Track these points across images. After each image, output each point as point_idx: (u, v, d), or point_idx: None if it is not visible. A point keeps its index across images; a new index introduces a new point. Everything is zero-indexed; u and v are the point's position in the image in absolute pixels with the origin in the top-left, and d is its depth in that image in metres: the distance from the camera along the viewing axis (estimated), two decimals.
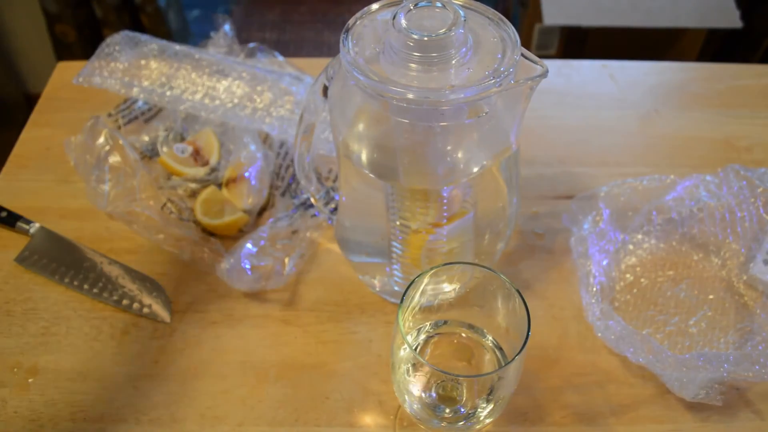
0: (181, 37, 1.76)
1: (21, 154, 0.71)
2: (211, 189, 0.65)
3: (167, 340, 0.56)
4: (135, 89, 0.69)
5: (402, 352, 0.41)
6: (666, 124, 0.76)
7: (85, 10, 1.56)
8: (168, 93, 0.69)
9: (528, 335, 0.39)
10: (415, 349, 0.46)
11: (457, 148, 0.46)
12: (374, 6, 0.46)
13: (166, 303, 0.58)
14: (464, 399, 0.43)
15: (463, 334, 0.47)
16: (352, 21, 0.45)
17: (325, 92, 0.49)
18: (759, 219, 0.60)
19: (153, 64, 0.71)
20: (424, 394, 0.43)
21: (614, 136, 0.75)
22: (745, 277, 0.60)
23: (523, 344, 0.38)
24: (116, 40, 0.71)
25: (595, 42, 1.57)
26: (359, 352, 0.55)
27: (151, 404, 0.52)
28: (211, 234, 0.63)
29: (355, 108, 0.46)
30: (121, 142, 0.65)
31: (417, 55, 0.42)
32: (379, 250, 0.54)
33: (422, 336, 0.47)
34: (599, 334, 0.54)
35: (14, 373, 0.53)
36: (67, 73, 0.79)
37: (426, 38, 0.41)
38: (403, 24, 0.42)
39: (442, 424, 0.43)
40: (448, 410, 0.43)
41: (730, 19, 1.41)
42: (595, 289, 0.55)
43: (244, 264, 0.58)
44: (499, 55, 0.43)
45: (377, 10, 0.46)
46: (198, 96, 0.69)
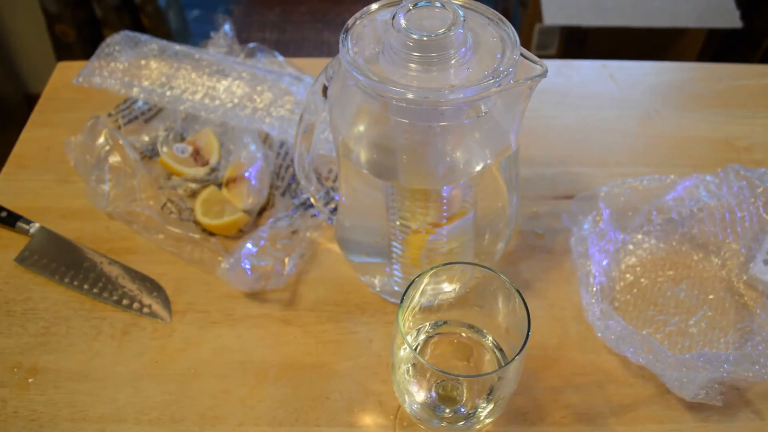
0: (181, 37, 1.76)
1: (21, 154, 0.71)
2: (211, 189, 0.65)
3: (167, 340, 0.56)
4: (135, 89, 0.69)
5: (402, 352, 0.41)
6: (666, 124, 0.76)
7: (85, 10, 1.56)
8: (168, 93, 0.69)
9: (528, 335, 0.39)
10: (415, 349, 0.46)
11: (457, 148, 0.46)
12: (374, 6, 0.46)
13: (166, 303, 0.58)
14: (464, 399, 0.43)
15: (463, 334, 0.47)
16: (351, 21, 0.45)
17: (325, 92, 0.49)
18: (759, 219, 0.60)
19: (153, 64, 0.71)
20: (424, 394, 0.43)
21: (614, 136, 0.75)
22: (745, 277, 0.60)
23: (523, 344, 0.38)
24: (116, 40, 0.71)
25: (595, 42, 1.57)
26: (359, 352, 0.55)
27: (151, 404, 0.52)
28: (211, 234, 0.63)
29: (354, 108, 0.46)
30: (121, 142, 0.65)
31: (416, 55, 0.42)
32: (379, 250, 0.54)
33: (422, 336, 0.47)
34: (599, 334, 0.54)
35: (14, 373, 0.53)
36: (67, 73, 0.79)
37: (425, 38, 0.41)
38: (403, 24, 0.42)
39: (442, 424, 0.43)
40: (448, 410, 0.43)
41: (730, 19, 1.41)
42: (595, 289, 0.55)
43: (244, 264, 0.58)
44: (499, 55, 0.43)
45: (377, 10, 0.46)
46: (198, 96, 0.69)
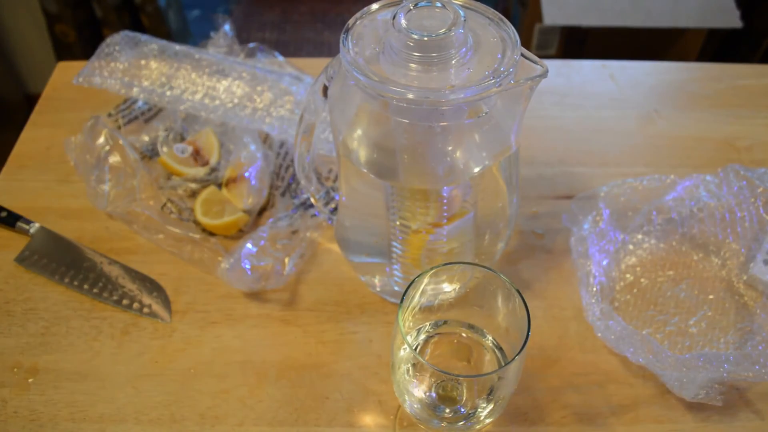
0: (181, 37, 1.76)
1: (21, 154, 0.71)
2: (211, 189, 0.65)
3: (167, 340, 0.56)
4: (135, 89, 0.69)
5: (402, 352, 0.41)
6: (666, 124, 0.76)
7: (85, 10, 1.56)
8: (168, 93, 0.69)
9: (528, 335, 0.39)
10: (415, 349, 0.46)
11: (457, 148, 0.46)
12: (374, 6, 0.46)
13: (166, 303, 0.58)
14: (464, 399, 0.43)
15: (463, 334, 0.47)
16: (352, 21, 0.45)
17: (325, 92, 0.49)
18: (759, 219, 0.60)
19: (153, 64, 0.71)
20: (424, 394, 0.43)
21: (614, 136, 0.75)
22: (745, 277, 0.60)
23: (523, 344, 0.38)
24: (116, 40, 0.71)
25: (595, 42, 1.57)
26: (359, 352, 0.55)
27: (151, 404, 0.52)
28: (211, 234, 0.63)
29: (355, 108, 0.46)
30: (121, 142, 0.65)
31: (417, 55, 0.42)
32: (379, 250, 0.54)
33: (422, 336, 0.47)
34: (599, 334, 0.54)
35: (14, 373, 0.53)
36: (67, 73, 0.79)
37: (426, 38, 0.41)
38: (403, 24, 0.42)
39: (442, 424, 0.43)
40: (448, 410, 0.43)
41: (730, 19, 1.41)
42: (595, 289, 0.55)
43: (244, 264, 0.58)
44: (499, 55, 0.43)
45: (377, 10, 0.46)
46: (198, 96, 0.69)
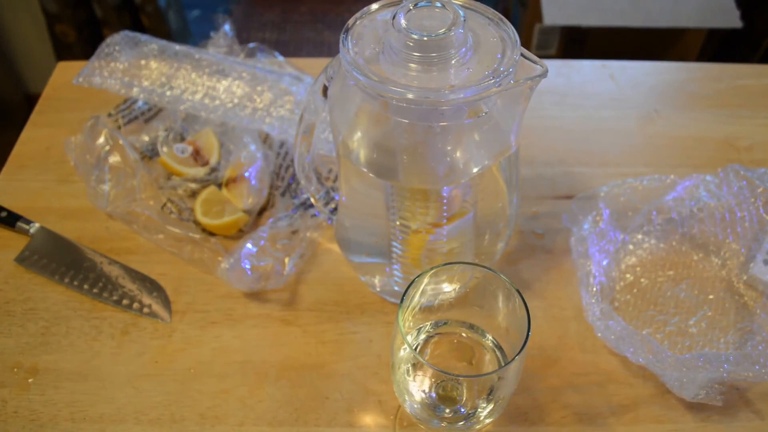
0: (181, 37, 1.76)
1: (21, 154, 0.71)
2: (211, 189, 0.65)
3: (167, 340, 0.56)
4: (135, 89, 0.69)
5: (402, 352, 0.41)
6: (666, 124, 0.76)
7: (85, 10, 1.56)
8: (168, 93, 0.69)
9: (528, 335, 0.39)
10: (415, 349, 0.46)
11: (457, 148, 0.46)
12: (374, 6, 0.46)
13: (166, 303, 0.58)
14: (464, 399, 0.43)
15: (463, 334, 0.47)
16: (351, 21, 0.45)
17: (325, 92, 0.49)
18: (759, 219, 0.60)
19: (153, 64, 0.71)
20: (424, 394, 0.43)
21: (614, 136, 0.75)
22: (745, 277, 0.60)
23: (523, 344, 0.38)
24: (116, 40, 0.71)
25: (595, 42, 1.57)
26: (359, 352, 0.55)
27: (151, 404, 0.52)
28: (211, 234, 0.63)
29: (355, 108, 0.46)
30: (121, 142, 0.65)
31: (417, 55, 0.42)
32: (379, 250, 0.54)
33: (422, 336, 0.47)
34: (599, 334, 0.54)
35: (14, 373, 0.53)
36: (67, 73, 0.79)
37: (426, 38, 0.41)
38: (403, 24, 0.42)
39: (442, 424, 0.43)
40: (448, 410, 0.43)
41: (730, 19, 1.41)
42: (595, 289, 0.55)
43: (244, 264, 0.58)
44: (499, 55, 0.43)
45: (377, 10, 0.46)
46: (198, 96, 0.69)
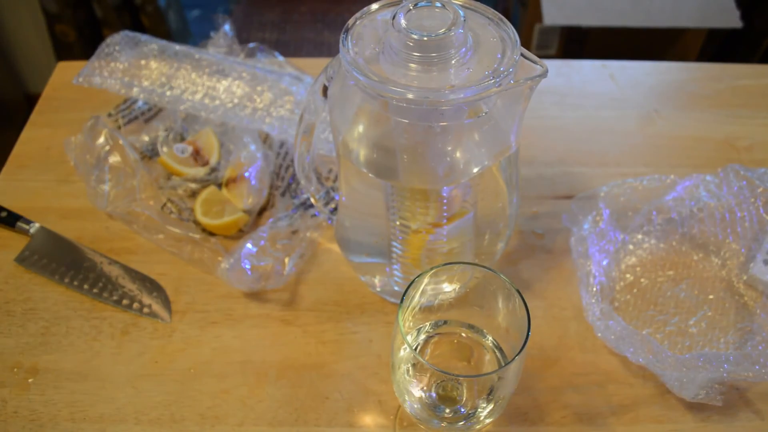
0: (181, 37, 1.76)
1: (21, 154, 0.71)
2: (211, 189, 0.65)
3: (167, 340, 0.56)
4: (135, 89, 0.69)
5: (402, 352, 0.41)
6: (666, 124, 0.76)
7: (85, 10, 1.56)
8: (168, 93, 0.69)
9: (528, 335, 0.39)
10: (415, 349, 0.46)
11: (457, 148, 0.46)
12: (374, 6, 0.46)
13: (166, 303, 0.58)
14: (464, 399, 0.43)
15: (463, 334, 0.47)
16: (351, 21, 0.45)
17: (325, 92, 0.49)
18: (759, 219, 0.60)
19: (153, 64, 0.71)
20: (424, 394, 0.43)
21: (614, 136, 0.75)
22: (745, 277, 0.60)
23: (523, 344, 0.38)
24: (116, 40, 0.71)
25: (595, 42, 1.57)
26: (359, 352, 0.55)
27: (151, 404, 0.52)
28: (211, 234, 0.63)
29: (355, 108, 0.46)
30: (121, 142, 0.65)
31: (417, 55, 0.42)
32: (379, 250, 0.54)
33: (422, 336, 0.47)
34: (599, 334, 0.54)
35: (14, 373, 0.53)
36: (67, 73, 0.79)
37: (426, 38, 0.41)
38: (403, 24, 0.42)
39: (442, 424, 0.43)
40: (448, 410, 0.43)
41: (730, 19, 1.41)
42: (595, 289, 0.55)
43: (244, 264, 0.58)
44: (499, 55, 0.43)
45: (377, 10, 0.46)
46: (198, 96, 0.69)
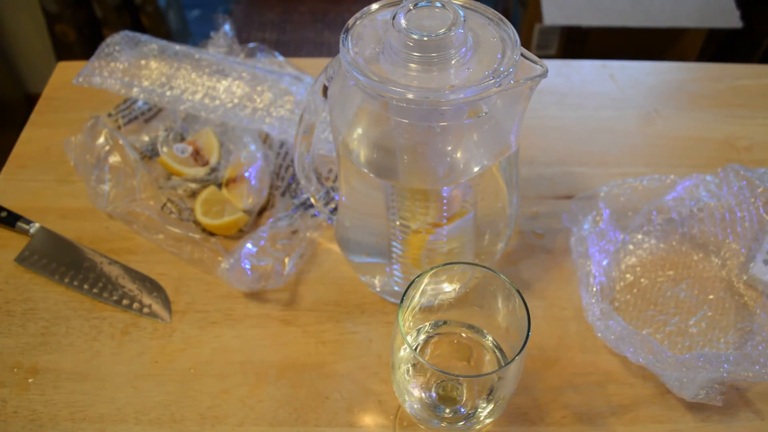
0: (181, 37, 1.76)
1: (21, 154, 0.71)
2: (211, 189, 0.65)
3: (167, 340, 0.56)
4: (135, 89, 0.69)
5: (402, 352, 0.41)
6: (666, 124, 0.76)
7: (85, 10, 1.56)
8: (168, 93, 0.69)
9: (528, 335, 0.39)
10: (415, 349, 0.46)
11: (457, 148, 0.46)
12: (374, 6, 0.46)
13: (166, 303, 0.58)
14: (464, 399, 0.43)
15: (463, 334, 0.47)
16: (351, 21, 0.45)
17: (325, 92, 0.49)
18: (759, 219, 0.60)
19: (153, 64, 0.71)
20: (424, 394, 0.43)
21: (614, 136, 0.75)
22: (745, 277, 0.60)
23: (523, 344, 0.38)
24: (116, 40, 0.71)
25: (595, 42, 1.57)
26: (359, 352, 0.55)
27: (151, 404, 0.52)
28: (211, 234, 0.63)
29: (355, 108, 0.46)
30: (121, 142, 0.65)
31: (417, 55, 0.42)
32: (379, 250, 0.54)
33: (422, 336, 0.47)
34: (599, 334, 0.54)
35: (14, 373, 0.53)
36: (67, 73, 0.79)
37: (426, 38, 0.41)
38: (403, 24, 0.42)
39: (442, 424, 0.43)
40: (448, 410, 0.43)
41: (730, 19, 1.41)
42: (595, 289, 0.55)
43: (244, 264, 0.58)
44: (499, 55, 0.43)
45: (377, 10, 0.46)
46: (198, 96, 0.69)
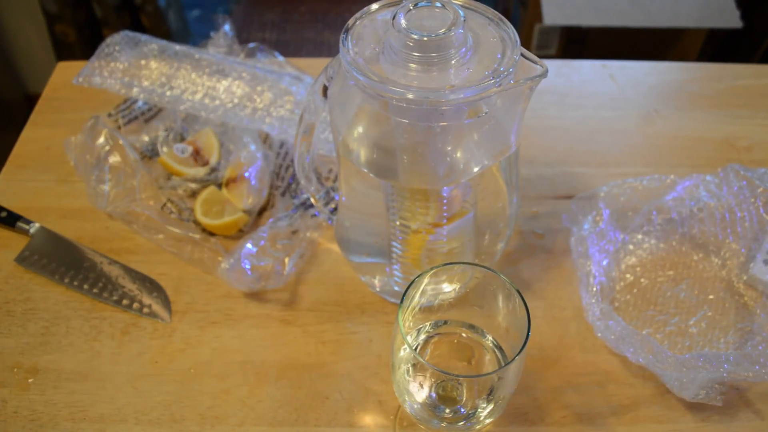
0: (181, 37, 1.76)
1: (21, 154, 0.71)
2: (211, 189, 0.65)
3: (167, 340, 0.56)
4: (135, 89, 0.69)
5: (402, 352, 0.41)
6: (666, 124, 0.76)
7: (85, 10, 1.56)
8: (168, 93, 0.69)
9: (528, 335, 0.39)
10: (415, 349, 0.46)
11: (457, 148, 0.46)
12: (374, 6, 0.46)
13: (166, 303, 0.58)
14: (464, 399, 0.43)
15: (463, 334, 0.47)
16: (351, 21, 0.45)
17: (325, 92, 0.49)
18: (759, 219, 0.60)
19: (153, 64, 0.71)
20: (424, 395, 0.43)
21: (614, 136, 0.75)
22: (745, 277, 0.60)
23: (523, 344, 0.38)
24: (116, 40, 0.71)
25: (595, 42, 1.57)
26: (359, 352, 0.55)
27: (151, 404, 0.52)
28: (211, 234, 0.63)
29: (355, 108, 0.46)
30: (121, 142, 0.65)
31: (417, 55, 0.42)
32: (379, 250, 0.54)
33: (422, 336, 0.47)
34: (599, 334, 0.54)
35: (14, 373, 0.53)
36: (67, 73, 0.79)
37: (426, 38, 0.41)
38: (403, 24, 0.42)
39: (442, 424, 0.43)
40: (448, 410, 0.43)
41: (730, 19, 1.41)
42: (595, 289, 0.55)
43: (244, 264, 0.58)
44: (499, 55, 0.43)
45: (377, 10, 0.46)
46: (198, 96, 0.69)
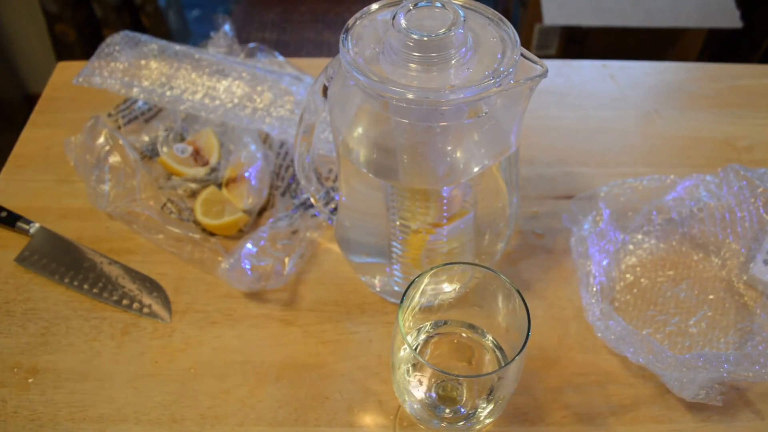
0: (181, 37, 1.76)
1: (21, 154, 0.71)
2: (211, 189, 0.65)
3: (167, 340, 0.56)
4: (135, 89, 0.69)
5: (402, 352, 0.41)
6: (666, 124, 0.76)
7: (85, 10, 1.56)
8: (168, 93, 0.69)
9: (528, 335, 0.39)
10: (415, 349, 0.46)
11: (457, 148, 0.46)
12: (374, 6, 0.46)
13: (166, 303, 0.58)
14: (464, 399, 0.43)
15: (463, 334, 0.47)
16: (351, 21, 0.45)
17: (325, 92, 0.49)
18: (759, 219, 0.60)
19: (153, 64, 0.71)
20: (424, 394, 0.43)
21: (614, 136, 0.75)
22: (745, 277, 0.60)
23: (523, 344, 0.38)
24: (116, 40, 0.71)
25: (595, 42, 1.57)
26: (359, 352, 0.55)
27: (151, 404, 0.52)
28: (211, 234, 0.63)
29: (355, 108, 0.46)
30: (121, 142, 0.65)
31: (417, 55, 0.42)
32: (379, 250, 0.54)
33: (422, 336, 0.47)
34: (599, 334, 0.54)
35: (14, 373, 0.53)
36: (67, 73, 0.79)
37: (426, 38, 0.41)
38: (403, 24, 0.42)
39: (442, 424, 0.43)
40: (448, 410, 0.43)
41: (730, 19, 1.41)
42: (595, 289, 0.55)
43: (244, 264, 0.58)
44: (499, 55, 0.43)
45: (377, 10, 0.46)
46: (198, 96, 0.69)
